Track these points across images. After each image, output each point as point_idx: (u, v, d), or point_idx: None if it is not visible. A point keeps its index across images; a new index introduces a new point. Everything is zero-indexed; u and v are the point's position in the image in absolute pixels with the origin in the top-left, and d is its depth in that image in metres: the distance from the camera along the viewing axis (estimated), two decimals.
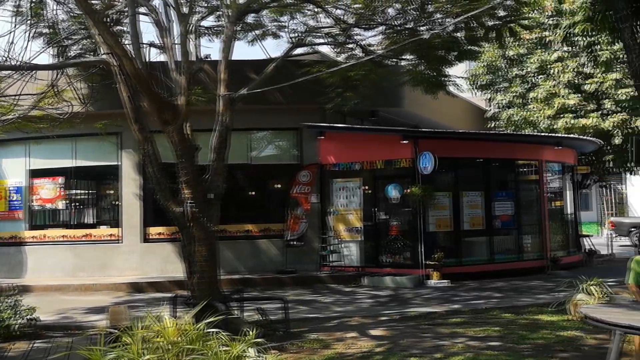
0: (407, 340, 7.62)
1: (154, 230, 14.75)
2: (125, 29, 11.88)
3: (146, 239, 14.74)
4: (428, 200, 13.46)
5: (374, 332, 8.28)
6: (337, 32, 11.60)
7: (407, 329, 8.48)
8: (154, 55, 15.41)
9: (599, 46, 10.41)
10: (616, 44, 15.79)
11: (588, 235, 20.68)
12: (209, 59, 10.21)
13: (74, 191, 15.64)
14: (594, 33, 8.16)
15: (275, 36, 13.55)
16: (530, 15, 14.52)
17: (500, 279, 13.64)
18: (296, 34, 11.17)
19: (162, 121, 8.10)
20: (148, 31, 28.38)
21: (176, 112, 7.99)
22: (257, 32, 13.40)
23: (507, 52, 20.73)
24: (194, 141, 8.80)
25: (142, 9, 9.95)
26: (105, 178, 15.61)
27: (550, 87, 19.16)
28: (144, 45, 9.85)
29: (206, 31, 13.93)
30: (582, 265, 16.79)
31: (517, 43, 20.38)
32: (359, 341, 7.70)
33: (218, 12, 12.38)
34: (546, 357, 6.61)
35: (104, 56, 8.77)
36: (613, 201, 34.71)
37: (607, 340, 7.17)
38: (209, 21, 15.54)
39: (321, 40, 11.96)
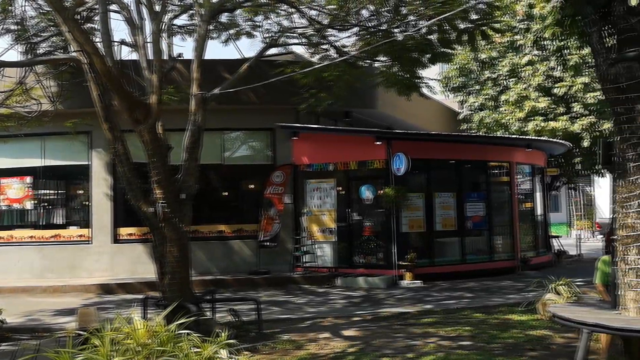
0: (379, 341, 7.65)
1: (124, 231, 14.55)
2: (96, 26, 11.69)
3: (116, 239, 14.53)
4: (401, 201, 13.54)
5: (346, 333, 8.29)
6: (311, 33, 11.59)
7: (380, 329, 8.50)
8: (126, 54, 15.23)
9: (568, 50, 10.63)
10: (585, 48, 16.12)
11: (557, 236, 21.06)
12: (181, 58, 10.08)
13: (42, 191, 15.34)
14: (563, 37, 8.26)
15: (249, 36, 13.50)
16: (502, 19, 14.70)
17: (472, 279, 13.81)
18: (270, 34, 11.15)
19: (134, 120, 7.98)
20: (119, 29, 28.00)
21: (148, 111, 7.88)
22: (230, 31, 13.33)
23: (479, 55, 21.00)
24: (165, 140, 8.70)
25: (113, 6, 9.83)
26: (75, 178, 15.34)
27: (521, 90, 19.45)
28: (115, 43, 9.70)
29: (179, 30, 13.83)
30: (552, 266, 17.08)
31: (489, 46, 20.69)
32: (331, 342, 7.70)
33: (191, 11, 12.29)
34: (516, 356, 6.69)
35: (74, 54, 8.64)
36: (581, 203, 35.38)
37: (575, 339, 7.29)
38: (182, 20, 15.47)
39: (295, 41, 11.94)
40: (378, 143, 13.74)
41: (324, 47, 12.35)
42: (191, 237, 14.33)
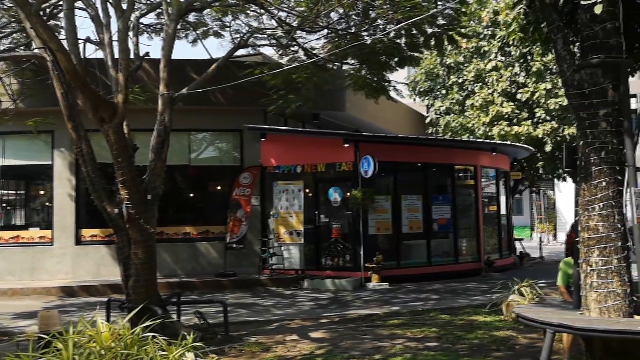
0: (347, 342, 7.66)
1: (87, 233, 14.26)
2: (60, 23, 11.46)
3: (79, 241, 14.22)
4: (369, 204, 13.61)
5: (314, 335, 8.28)
6: (281, 35, 11.57)
7: (347, 330, 8.52)
8: (91, 52, 14.93)
9: (531, 57, 10.89)
10: (548, 55, 16.50)
11: (520, 239, 21.49)
12: (148, 57, 9.94)
13: (2, 191, 14.94)
14: (527, 44, 8.42)
15: (218, 36, 13.39)
16: (468, 25, 14.96)
17: (438, 281, 13.96)
18: (239, 35, 11.07)
19: (99, 119, 7.83)
20: (85, 26, 27.49)
21: (113, 110, 7.73)
22: (198, 31, 13.23)
23: (445, 60, 21.30)
24: (132, 141, 8.57)
25: (79, 3, 9.64)
26: (37, 178, 14.97)
27: (486, 94, 19.79)
28: (81, 41, 9.51)
29: (146, 29, 13.66)
30: (515, 268, 17.42)
31: (455, 51, 20.99)
32: (299, 344, 7.68)
33: (159, 10, 12.14)
34: (481, 356, 6.78)
35: (38, 51, 8.44)
36: (543, 207, 36.18)
37: (538, 340, 7.44)
38: (150, 18, 15.27)
39: (264, 42, 11.89)
40: (346, 145, 13.79)
41: (293, 49, 12.36)
42: (157, 239, 14.21)
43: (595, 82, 4.71)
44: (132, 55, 9.62)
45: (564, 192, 35.29)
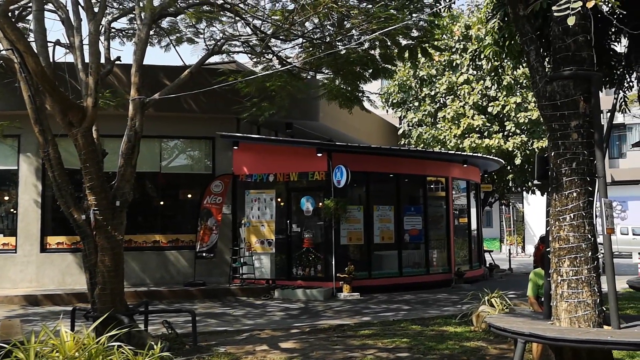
0: (318, 353, 7.58)
1: (53, 240, 13.91)
2: (28, 26, 11.20)
3: (44, 248, 13.86)
4: (341, 214, 13.58)
5: (284, 345, 8.18)
6: (255, 43, 11.52)
7: (318, 341, 8.44)
8: (60, 56, 14.61)
9: (502, 70, 11.02)
10: (519, 69, 16.78)
11: (489, 251, 21.70)
12: (120, 62, 9.78)
13: None
14: (500, 57, 8.53)
15: (191, 42, 13.27)
16: (441, 38, 15.13)
17: (409, 292, 13.98)
18: (213, 41, 10.97)
19: (67, 124, 7.66)
20: (54, 29, 27.00)
21: (82, 114, 7.58)
22: (172, 37, 13.10)
23: (418, 73, 21.52)
24: (100, 146, 8.41)
25: (49, 6, 9.45)
26: (2, 183, 14.56)
27: (458, 107, 20.02)
28: (50, 44, 9.32)
29: (118, 34, 13.48)
30: (484, 279, 17.56)
31: (428, 64, 21.22)
32: (269, 354, 7.57)
33: (131, 15, 11.98)
34: None
35: (5, 52, 8.24)
36: (512, 219, 36.67)
37: (508, 350, 7.47)
38: (122, 23, 15.04)
39: (239, 49, 11.82)
40: (319, 155, 13.76)
41: (268, 57, 12.32)
42: (126, 247, 13.84)
43: (567, 93, 4.76)
44: (102, 60, 9.50)
45: (533, 205, 35.86)
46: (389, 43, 12.46)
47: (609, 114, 6.61)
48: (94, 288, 7.96)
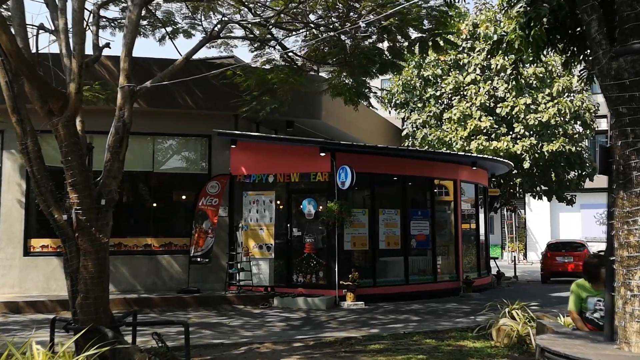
0: None
1: (37, 243, 13.04)
2: (6, 6, 10.35)
3: (28, 252, 13.00)
4: (345, 217, 12.75)
5: None
6: (256, 29, 10.72)
7: (325, 357, 7.61)
8: (50, 47, 13.77)
9: (521, 64, 10.25)
10: (539, 63, 15.95)
11: (495, 258, 20.92)
12: (109, 48, 8.95)
13: None
14: (526, 45, 7.74)
15: (188, 35, 12.54)
16: (454, 31, 14.36)
17: (416, 301, 13.19)
18: (212, 26, 10.11)
19: (47, 112, 6.83)
20: (42, 12, 26.15)
21: (64, 101, 6.74)
22: (168, 29, 12.32)
23: (423, 73, 20.77)
24: (85, 139, 7.57)
25: None
26: None
27: (464, 108, 19.27)
28: (32, 28, 8.52)
29: (110, 24, 12.67)
30: (492, 288, 16.79)
31: (433, 64, 20.51)
32: None
33: (124, 4, 11.21)
34: None
35: None
36: (515, 225, 35.92)
37: None
38: (114, 12, 14.22)
39: (239, 36, 11.01)
40: (322, 154, 12.94)
41: (269, 46, 11.51)
42: (114, 251, 13.21)
43: (637, 71, 3.96)
44: (90, 46, 8.70)
45: (535, 212, 35.14)
46: (398, 36, 11.75)
47: None
48: (75, 296, 7.11)
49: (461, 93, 19.95)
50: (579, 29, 9.67)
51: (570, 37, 9.80)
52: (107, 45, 9.02)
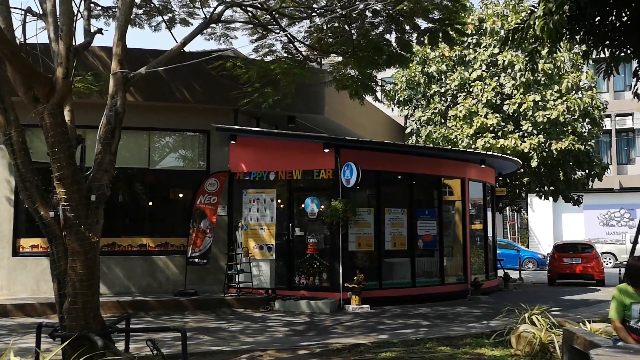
0: None
1: (27, 242, 12.42)
2: None
3: (17, 252, 12.38)
4: (350, 216, 12.16)
5: None
6: (259, 10, 10.13)
7: None
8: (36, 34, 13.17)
9: (538, 54, 9.73)
10: (550, 55, 15.39)
11: (500, 259, 20.35)
12: (101, 33, 8.37)
13: None
14: (550, 31, 7.22)
15: (186, 23, 11.98)
16: (466, 20, 13.79)
17: (423, 304, 12.64)
18: (210, 14, 9.52)
19: (32, 99, 6.27)
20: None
21: (50, 87, 6.18)
22: (165, 17, 11.77)
23: (426, 69, 20.24)
24: (74, 130, 7.00)
25: None
26: None
27: (470, 105, 18.75)
28: (19, 12, 7.96)
29: (104, 13, 12.10)
30: (500, 290, 16.24)
31: (438, 60, 19.98)
32: None
33: None
34: None
35: None
36: (517, 226, 35.41)
37: None
38: (108, 1, 13.60)
39: (241, 19, 10.42)
40: (326, 151, 12.35)
41: (270, 38, 10.94)
42: (108, 251, 12.59)
43: None
44: (82, 32, 8.14)
45: (537, 212, 34.61)
46: (406, 27, 11.20)
47: None
48: (62, 301, 6.54)
49: (467, 90, 19.42)
50: (598, 18, 9.22)
51: (590, 27, 9.34)
52: (99, 31, 8.46)
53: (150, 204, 13.84)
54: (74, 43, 6.78)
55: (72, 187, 6.37)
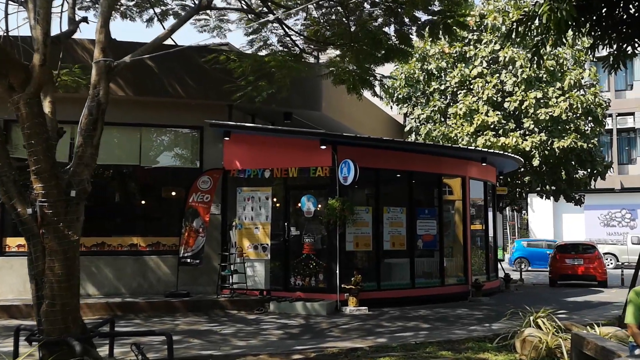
0: None
1: (13, 242, 12.01)
2: None
3: (3, 251, 11.98)
4: (348, 215, 11.78)
5: None
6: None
7: None
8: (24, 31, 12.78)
9: (543, 47, 9.37)
10: (556, 47, 14.98)
11: (501, 260, 19.98)
12: (86, 22, 7.97)
13: None
14: (556, 21, 6.86)
15: (177, 16, 11.56)
16: (467, 13, 13.39)
17: (422, 306, 12.27)
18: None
19: (6, 87, 5.87)
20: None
21: (26, 74, 5.78)
22: (157, 10, 11.39)
23: (426, 66, 19.85)
24: (54, 121, 6.60)
25: None
26: None
27: (471, 102, 18.37)
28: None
29: (93, 5, 11.70)
30: (501, 291, 15.87)
31: (437, 56, 19.62)
32: None
33: None
34: None
35: None
36: (517, 226, 35.05)
37: None
38: None
39: (233, 7, 10.03)
40: (323, 147, 11.97)
41: (265, 30, 10.56)
42: (98, 251, 12.18)
43: None
44: (66, 20, 7.74)
45: (537, 212, 34.25)
46: (405, 19, 10.83)
47: None
48: (40, 303, 6.15)
49: (467, 87, 19.04)
50: (605, 10, 8.87)
51: (597, 19, 8.98)
52: (85, 19, 8.06)
53: (142, 202, 13.46)
54: (57, 31, 6.43)
55: (50, 181, 5.97)
